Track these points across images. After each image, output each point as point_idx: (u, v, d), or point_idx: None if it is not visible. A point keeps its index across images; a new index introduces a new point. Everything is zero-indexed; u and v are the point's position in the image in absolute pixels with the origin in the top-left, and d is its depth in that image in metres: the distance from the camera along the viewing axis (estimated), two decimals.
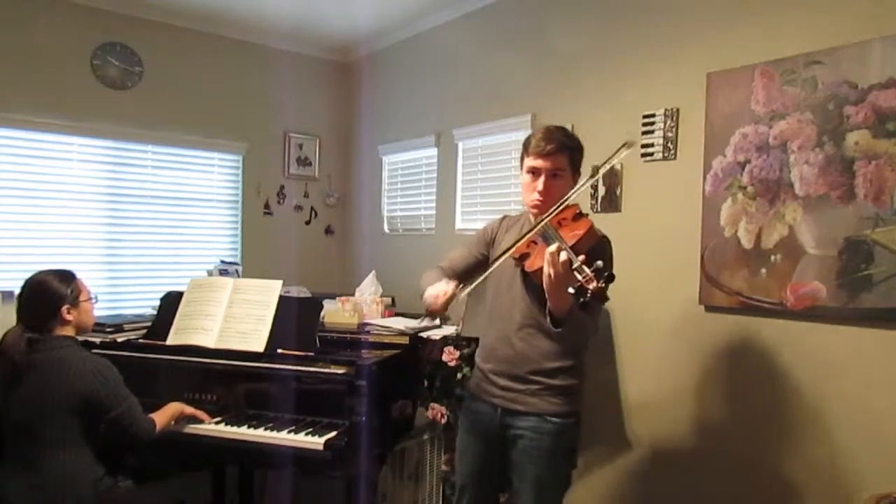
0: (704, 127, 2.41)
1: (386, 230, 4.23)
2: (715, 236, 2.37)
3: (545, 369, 1.91)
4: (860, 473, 2.00)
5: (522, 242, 1.86)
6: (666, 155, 2.55)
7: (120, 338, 2.62)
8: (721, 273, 2.35)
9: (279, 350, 2.37)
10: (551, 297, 1.72)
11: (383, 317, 3.01)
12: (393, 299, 3.33)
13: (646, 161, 2.62)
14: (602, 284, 1.53)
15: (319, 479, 2.79)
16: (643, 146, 2.62)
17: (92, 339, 2.48)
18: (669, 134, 2.54)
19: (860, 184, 1.99)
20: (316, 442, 2.12)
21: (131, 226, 3.79)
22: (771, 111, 2.21)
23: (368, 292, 3.13)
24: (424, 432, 2.85)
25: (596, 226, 1.83)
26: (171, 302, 2.61)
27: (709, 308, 2.41)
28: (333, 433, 2.15)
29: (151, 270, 3.85)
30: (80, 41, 3.54)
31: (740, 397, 2.33)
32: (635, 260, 2.55)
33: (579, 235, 1.76)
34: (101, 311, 2.77)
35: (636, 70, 2.68)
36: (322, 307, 2.60)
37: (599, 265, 1.56)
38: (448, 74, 3.71)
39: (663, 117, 2.56)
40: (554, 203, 1.85)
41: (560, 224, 1.84)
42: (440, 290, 1.90)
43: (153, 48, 3.76)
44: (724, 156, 2.34)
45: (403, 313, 3.14)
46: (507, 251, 1.87)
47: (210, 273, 3.54)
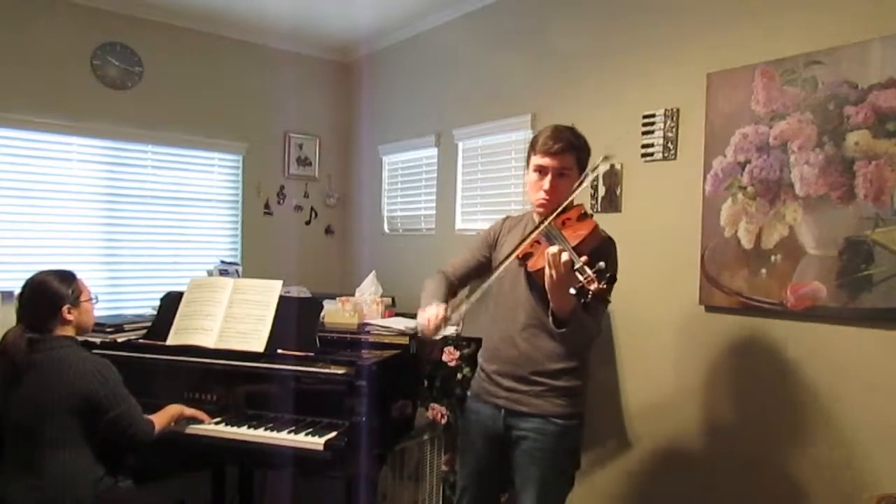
0: (704, 127, 2.41)
1: (386, 230, 4.23)
2: (715, 236, 2.37)
3: (549, 370, 1.90)
4: (861, 473, 2.00)
5: (525, 244, 1.85)
6: (666, 155, 2.55)
7: (120, 338, 2.62)
8: (721, 273, 2.35)
9: (279, 350, 2.37)
10: (553, 298, 1.72)
11: (383, 317, 3.01)
12: (393, 299, 3.33)
13: (646, 161, 2.62)
14: (603, 286, 1.53)
15: (319, 479, 2.79)
16: (643, 146, 2.62)
17: (92, 339, 2.48)
18: (669, 134, 2.54)
19: (860, 184, 1.99)
20: (316, 442, 2.12)
21: (131, 226, 3.79)
22: (771, 111, 2.21)
23: (368, 292, 3.13)
24: (424, 432, 2.85)
25: (601, 227, 1.83)
26: (171, 302, 2.61)
27: (709, 308, 2.42)
28: (333, 433, 2.14)
29: (151, 270, 3.85)
30: (80, 41, 3.54)
31: (740, 397, 2.34)
32: (635, 260, 2.54)
33: (582, 236, 1.76)
34: (101, 311, 2.76)
35: (636, 70, 2.68)
36: (322, 307, 2.60)
37: (601, 266, 1.55)
38: (448, 74, 3.71)
39: (663, 117, 2.56)
40: (560, 202, 1.86)
41: (564, 224, 1.84)
42: (431, 315, 1.88)
43: (153, 48, 3.76)
44: (725, 156, 2.34)
45: (403, 313, 3.13)
46: (508, 258, 1.87)
47: (210, 273, 3.54)
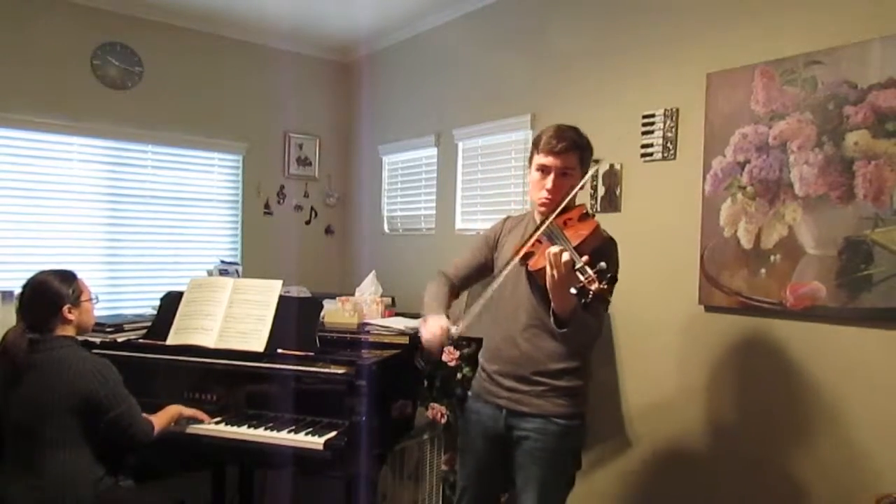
0: (704, 127, 2.41)
1: (386, 230, 4.23)
2: (714, 236, 2.37)
3: (550, 370, 1.90)
4: (863, 473, 2.00)
5: (527, 246, 1.84)
6: (666, 155, 2.56)
7: (120, 338, 2.62)
8: (721, 273, 2.35)
9: (279, 350, 2.37)
10: (554, 298, 1.72)
11: (383, 317, 3.01)
12: (393, 299, 3.33)
13: (645, 161, 2.62)
14: (604, 286, 1.53)
15: (319, 479, 2.79)
16: (643, 146, 2.62)
17: (92, 339, 2.48)
18: (669, 134, 2.54)
19: (860, 184, 1.99)
20: (316, 442, 2.12)
21: (131, 226, 3.79)
22: (771, 111, 2.21)
23: (368, 292, 3.13)
24: (424, 432, 2.85)
25: (602, 227, 1.83)
26: (171, 302, 2.61)
27: (708, 308, 2.42)
28: (333, 433, 2.15)
29: (151, 270, 3.86)
30: (80, 41, 3.54)
31: (740, 397, 2.34)
32: (635, 260, 2.53)
33: (584, 236, 1.76)
34: (101, 311, 2.77)
35: (636, 70, 2.68)
36: (322, 307, 2.60)
37: (602, 266, 1.55)
38: (448, 74, 3.71)
39: (663, 117, 2.56)
40: (562, 201, 1.86)
41: (565, 224, 1.83)
42: (433, 331, 1.88)
43: (153, 48, 3.76)
44: (724, 156, 2.34)
45: (403, 313, 3.13)
46: (509, 263, 1.86)
47: (210, 273, 3.54)
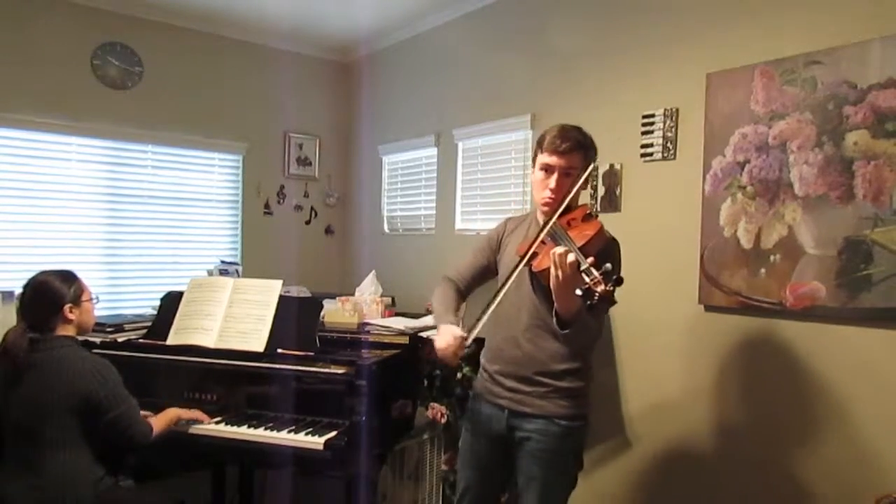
0: (704, 127, 2.41)
1: (386, 230, 4.23)
2: (714, 236, 2.37)
3: (552, 371, 1.89)
4: (865, 473, 2.00)
5: (533, 248, 1.82)
6: (665, 155, 2.56)
7: (120, 338, 2.62)
8: (720, 273, 2.35)
9: (279, 350, 2.37)
10: (558, 299, 1.70)
11: (383, 317, 3.01)
12: (393, 299, 3.34)
13: (645, 161, 2.62)
14: (610, 287, 1.51)
15: (319, 479, 2.79)
16: (643, 146, 2.62)
17: (92, 339, 2.48)
18: (669, 134, 2.54)
19: (859, 184, 1.99)
20: (316, 442, 2.12)
21: (131, 226, 3.79)
22: (770, 111, 2.21)
23: (368, 292, 3.13)
24: (424, 432, 2.85)
25: (605, 227, 1.82)
26: (172, 302, 2.61)
27: (708, 308, 2.42)
28: (333, 433, 2.15)
29: (151, 270, 3.86)
30: (80, 41, 3.54)
31: (740, 397, 2.34)
32: (635, 260, 2.53)
33: (589, 236, 1.74)
34: (101, 311, 2.77)
35: (636, 70, 2.68)
36: (322, 307, 2.60)
37: (608, 268, 1.53)
38: (448, 74, 3.71)
39: (663, 117, 2.56)
40: (564, 201, 1.84)
41: (569, 224, 1.82)
42: (447, 339, 1.84)
43: (153, 48, 3.76)
44: (724, 156, 2.34)
45: (403, 313, 3.14)
46: (516, 268, 1.83)
47: (210, 273, 3.54)
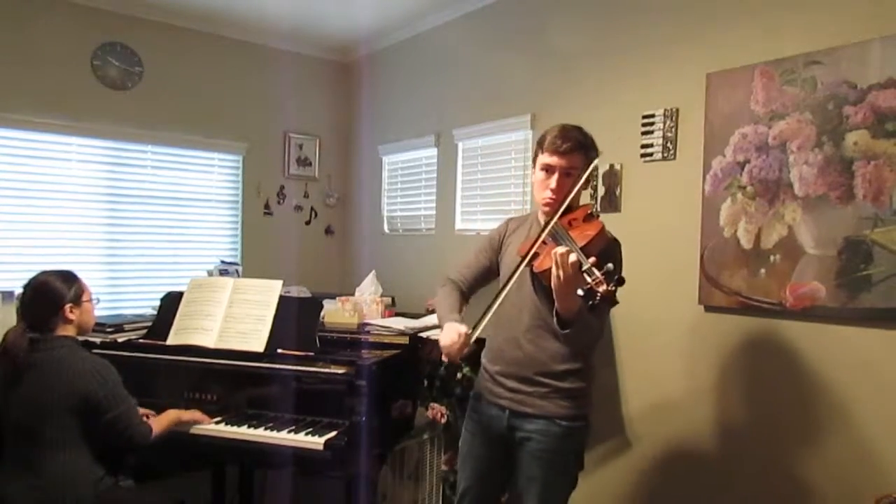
0: (704, 127, 2.41)
1: (386, 230, 4.23)
2: (714, 236, 2.37)
3: (553, 371, 1.89)
4: (867, 473, 2.00)
5: (535, 247, 1.81)
6: (665, 155, 2.56)
7: (120, 338, 2.62)
8: (720, 273, 2.35)
9: (279, 350, 2.37)
10: (559, 299, 1.70)
11: (383, 317, 3.01)
12: (393, 299, 3.34)
13: (645, 161, 2.62)
14: (612, 288, 1.51)
15: (319, 479, 2.79)
16: (642, 146, 2.62)
17: (92, 339, 2.48)
18: (669, 134, 2.54)
19: (859, 184, 1.99)
20: (316, 442, 2.12)
21: (131, 226, 3.79)
22: (770, 111, 2.21)
23: (368, 292, 3.13)
24: (424, 432, 2.85)
25: (607, 228, 1.81)
26: (172, 302, 2.62)
27: (708, 308, 2.42)
28: (333, 433, 2.15)
29: (151, 270, 3.86)
30: (80, 41, 3.54)
31: (740, 397, 2.34)
32: (635, 260, 2.53)
33: (590, 237, 1.73)
34: (102, 311, 2.76)
35: (636, 70, 2.68)
36: (322, 307, 2.60)
37: (610, 268, 1.53)
38: (448, 74, 3.71)
39: (663, 117, 2.56)
40: (565, 201, 1.84)
41: (570, 224, 1.81)
42: (452, 336, 1.82)
43: (153, 48, 3.76)
44: (724, 156, 2.34)
45: (403, 313, 3.14)
46: (517, 269, 1.82)
47: (210, 273, 3.55)
